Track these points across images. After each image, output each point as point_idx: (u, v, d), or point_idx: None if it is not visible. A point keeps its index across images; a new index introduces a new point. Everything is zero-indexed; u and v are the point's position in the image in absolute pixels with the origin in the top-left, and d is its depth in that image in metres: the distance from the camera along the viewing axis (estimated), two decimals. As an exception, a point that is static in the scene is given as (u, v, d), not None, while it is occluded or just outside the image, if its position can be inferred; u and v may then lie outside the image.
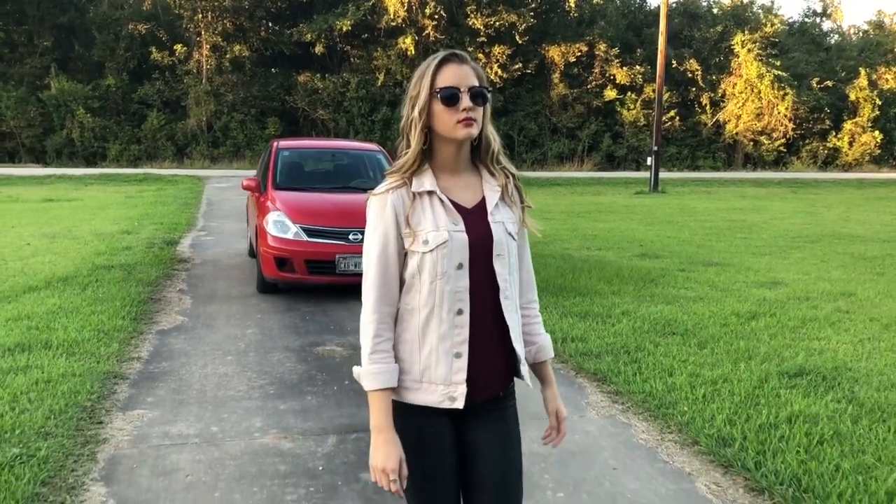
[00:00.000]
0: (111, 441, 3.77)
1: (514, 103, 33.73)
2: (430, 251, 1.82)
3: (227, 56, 31.94)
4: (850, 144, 36.67)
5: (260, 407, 4.33)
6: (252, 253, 8.82)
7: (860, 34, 44.34)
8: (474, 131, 1.85)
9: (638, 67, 34.30)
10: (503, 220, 1.91)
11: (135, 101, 31.64)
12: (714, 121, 35.53)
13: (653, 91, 27.48)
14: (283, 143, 9.21)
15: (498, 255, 1.88)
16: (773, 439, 3.74)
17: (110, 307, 6.44)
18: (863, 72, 36.67)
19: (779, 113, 34.87)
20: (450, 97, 1.82)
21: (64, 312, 6.23)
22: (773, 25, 36.32)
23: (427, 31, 31.29)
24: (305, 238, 7.12)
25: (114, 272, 8.09)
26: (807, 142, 36.51)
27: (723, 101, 35.71)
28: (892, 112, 37.64)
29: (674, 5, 37.98)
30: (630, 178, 27.49)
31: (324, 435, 3.94)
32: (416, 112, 1.85)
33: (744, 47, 34.82)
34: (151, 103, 31.59)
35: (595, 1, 35.48)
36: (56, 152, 30.81)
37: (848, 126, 36.55)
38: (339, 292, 7.42)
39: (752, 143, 35.76)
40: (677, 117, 34.45)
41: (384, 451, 1.80)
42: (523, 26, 31.77)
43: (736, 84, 35.20)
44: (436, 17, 31.05)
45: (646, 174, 24.74)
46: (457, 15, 32.19)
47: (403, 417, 1.86)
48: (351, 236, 7.03)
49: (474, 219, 1.89)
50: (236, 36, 31.99)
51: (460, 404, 1.84)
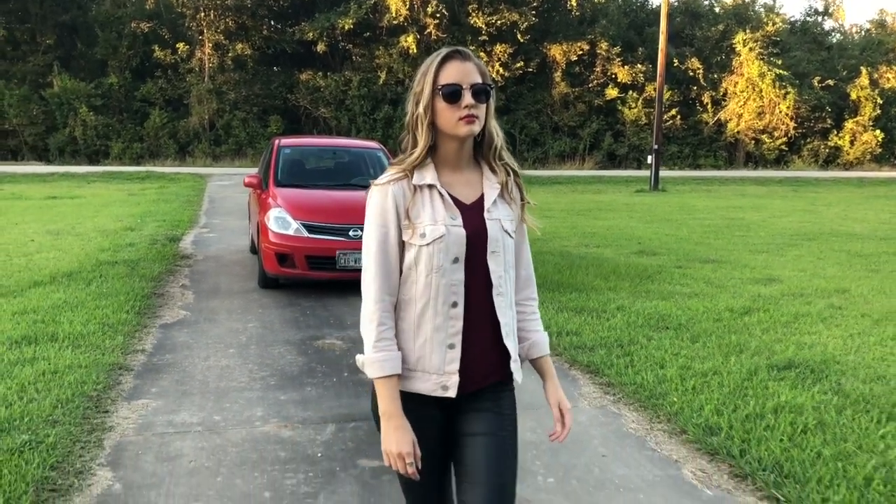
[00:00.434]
0: (117, 429, 3.89)
1: (516, 102, 33.81)
2: (427, 244, 1.86)
3: (230, 54, 32.04)
4: (852, 143, 36.73)
5: (261, 397, 4.45)
6: (254, 249, 8.92)
7: (862, 33, 44.32)
8: (476, 128, 1.87)
9: (639, 66, 34.37)
10: (500, 218, 1.93)
11: (137, 99, 31.76)
12: (715, 119, 35.59)
13: (654, 90, 27.54)
14: (285, 140, 9.32)
15: (492, 251, 1.90)
16: (758, 428, 3.85)
17: (114, 301, 6.56)
18: (864, 71, 36.71)
19: (780, 112, 34.94)
20: (452, 94, 1.84)
21: (69, 306, 6.35)
22: (774, 24, 36.36)
23: (429, 30, 31.38)
24: (306, 234, 7.22)
25: (117, 268, 8.20)
26: (808, 140, 36.57)
27: (724, 100, 35.77)
28: (893, 111, 37.68)
29: (675, 4, 38.03)
30: (631, 176, 27.55)
31: (323, 424, 4.05)
32: (421, 109, 1.87)
33: (745, 46, 34.87)
34: (154, 101, 31.72)
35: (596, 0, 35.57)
36: (59, 150, 30.94)
37: (849, 125, 36.60)
38: (340, 288, 7.52)
39: (753, 141, 35.83)
40: (679, 116, 34.52)
41: (397, 437, 1.84)
42: (525, 25, 31.85)
43: (737, 83, 35.25)
44: (437, 15, 31.14)
45: (647, 173, 24.83)
46: (458, 13, 32.28)
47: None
48: (351, 233, 7.13)
49: (472, 214, 1.91)
50: (238, 34, 32.09)
51: (452, 393, 1.89)
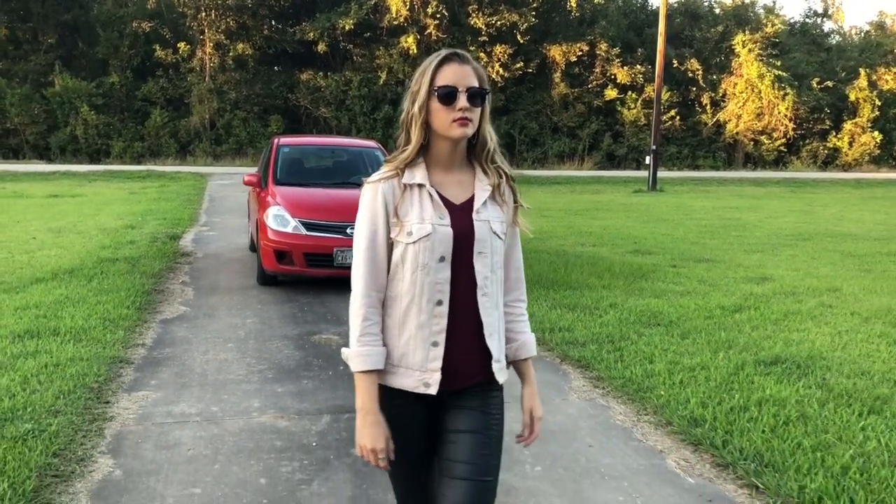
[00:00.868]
0: (117, 419, 4.00)
1: (516, 102, 33.92)
2: (414, 242, 1.88)
3: (231, 54, 32.16)
4: (850, 145, 36.81)
5: (258, 389, 4.56)
6: (253, 247, 9.02)
7: (861, 35, 44.41)
8: (469, 131, 1.89)
9: (639, 67, 34.46)
10: (489, 219, 1.94)
11: (138, 98, 31.86)
12: (714, 120, 35.68)
13: (653, 91, 27.67)
14: (284, 139, 9.43)
15: (479, 252, 1.92)
16: (741, 420, 3.96)
17: (115, 297, 6.66)
18: (863, 72, 36.79)
19: (779, 113, 35.02)
20: (447, 96, 1.86)
21: (71, 302, 6.45)
22: (773, 26, 36.44)
23: (429, 31, 31.49)
24: (304, 232, 7.33)
25: (118, 265, 8.30)
26: (807, 142, 36.65)
27: (723, 101, 35.86)
28: (892, 113, 37.73)
29: (675, 5, 38.11)
30: (630, 177, 27.65)
31: (318, 415, 4.16)
32: (416, 108, 1.89)
33: (744, 47, 34.96)
34: (155, 101, 31.82)
35: (596, 0, 35.63)
36: (60, 149, 31.05)
37: (848, 126, 36.68)
38: (337, 284, 7.60)
39: (752, 142, 35.91)
40: (678, 117, 34.60)
41: (371, 432, 1.88)
42: (525, 26, 31.95)
43: (736, 84, 35.34)
44: (438, 16, 31.25)
45: (645, 173, 24.92)
46: (459, 14, 32.38)
47: (381, 399, 1.94)
48: (348, 230, 7.21)
49: (461, 215, 1.92)
50: (239, 34, 32.21)
51: (434, 390, 1.91)
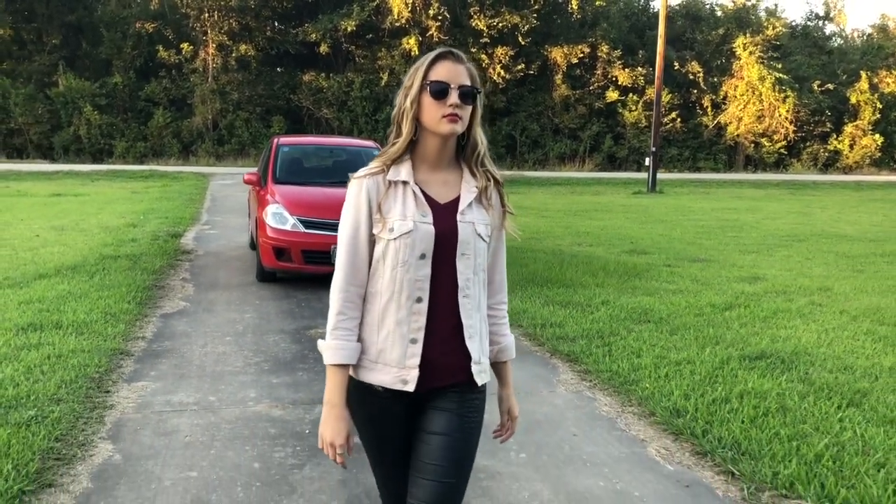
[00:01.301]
0: (117, 407, 4.13)
1: (517, 104, 34.07)
2: (395, 239, 1.87)
3: (233, 55, 32.33)
4: (851, 147, 36.90)
5: (254, 380, 4.68)
6: (253, 245, 9.13)
7: (863, 37, 44.49)
8: (458, 128, 1.89)
9: (640, 69, 34.57)
10: (474, 221, 1.93)
11: (141, 98, 32.05)
12: (715, 123, 35.79)
13: (654, 93, 27.80)
14: (284, 139, 9.57)
15: (462, 253, 1.91)
16: (722, 411, 4.08)
17: (117, 293, 6.79)
18: (864, 75, 36.89)
19: (780, 115, 35.13)
20: (439, 91, 1.86)
21: (73, 297, 6.59)
22: (774, 28, 36.56)
23: (431, 32, 31.64)
24: (302, 229, 7.45)
25: (120, 262, 8.44)
26: (807, 144, 36.74)
27: (724, 104, 35.97)
28: (893, 115, 37.81)
29: (676, 7, 38.25)
30: (630, 178, 27.76)
31: (312, 404, 4.28)
32: (408, 102, 1.89)
33: (745, 50, 35.08)
34: (158, 101, 32.00)
35: (598, 3, 35.76)
36: (63, 149, 31.24)
37: (849, 129, 36.77)
38: (335, 282, 7.72)
39: (753, 145, 36.01)
40: (679, 119, 34.72)
41: (334, 426, 1.88)
42: (526, 28, 32.09)
43: (737, 86, 35.45)
44: (439, 17, 31.40)
45: (646, 175, 25.03)
46: (460, 16, 32.53)
47: (360, 395, 1.95)
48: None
49: (444, 214, 1.92)
50: (242, 35, 32.39)
51: (411, 388, 1.90)
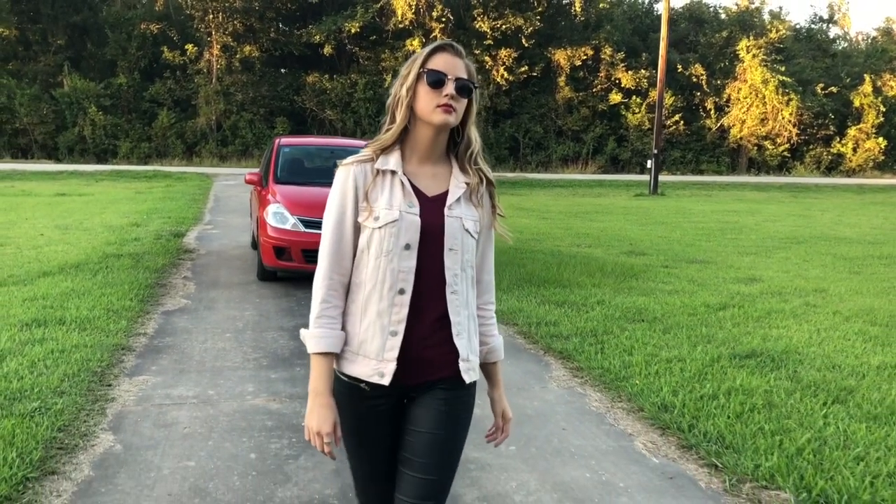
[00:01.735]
0: (119, 400, 4.23)
1: (520, 106, 34.18)
2: (379, 228, 1.85)
3: (237, 56, 32.53)
4: (854, 150, 36.95)
5: (253, 375, 4.78)
6: (255, 244, 9.24)
7: (868, 40, 44.50)
8: (451, 120, 1.86)
9: (643, 71, 34.68)
10: (462, 216, 1.91)
11: (146, 99, 32.26)
12: (718, 125, 35.87)
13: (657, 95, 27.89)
14: (285, 139, 9.67)
15: (450, 248, 1.89)
16: (709, 407, 4.16)
17: (119, 290, 6.90)
18: (867, 78, 36.92)
19: (783, 118, 35.20)
20: (435, 81, 1.84)
21: (76, 294, 6.69)
22: (778, 32, 36.62)
23: (434, 34, 31.74)
24: (303, 229, 7.55)
25: (123, 260, 8.55)
26: (811, 147, 36.80)
27: (727, 106, 36.06)
28: (897, 118, 37.92)
29: (680, 10, 38.35)
30: (632, 180, 27.83)
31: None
32: (404, 90, 1.87)
33: (748, 53, 35.14)
34: (162, 102, 32.20)
35: (601, 5, 35.87)
36: (68, 149, 31.45)
37: (852, 132, 36.83)
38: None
39: (756, 147, 36.09)
40: (682, 121, 34.81)
41: (319, 415, 1.85)
42: (530, 30, 32.23)
43: (741, 89, 35.54)
44: (443, 19, 31.54)
45: (648, 177, 25.09)
46: (464, 18, 32.67)
47: (344, 387, 1.92)
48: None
49: (432, 207, 1.90)
50: (246, 36, 32.58)
51: (387, 381, 1.87)
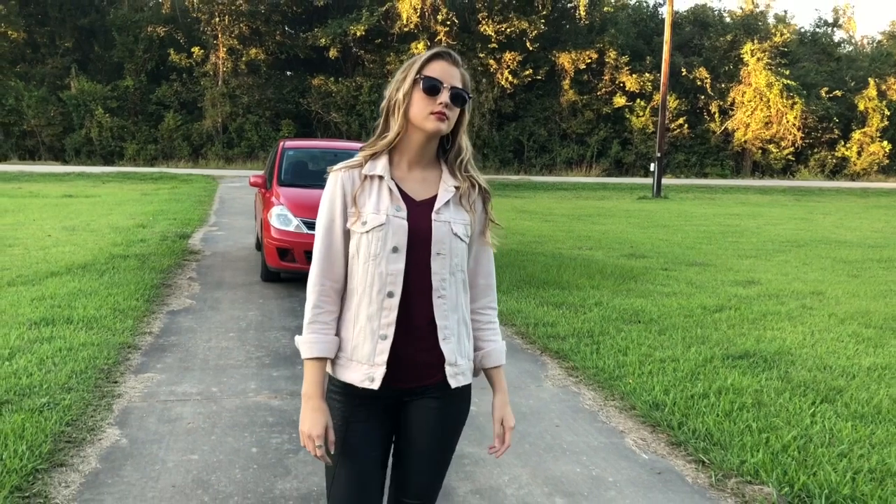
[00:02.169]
0: (125, 396, 4.35)
1: (525, 109, 34.28)
2: (367, 232, 1.87)
3: (243, 59, 32.70)
4: (859, 154, 36.92)
5: (255, 373, 4.90)
6: (259, 246, 9.36)
7: (873, 44, 44.47)
8: (444, 127, 1.87)
9: (647, 75, 34.70)
10: (450, 220, 1.90)
11: (152, 101, 32.45)
12: (723, 129, 35.89)
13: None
14: (289, 142, 9.80)
15: (437, 253, 1.88)
16: (699, 405, 4.26)
17: (125, 290, 7.03)
18: (872, 82, 36.91)
19: (787, 122, 35.20)
20: (430, 87, 1.85)
21: (83, 294, 6.83)
22: (782, 35, 36.62)
23: (439, 37, 31.88)
24: (306, 231, 7.66)
25: (129, 261, 8.69)
26: (815, 151, 36.79)
27: (732, 110, 36.06)
28: (901, 122, 37.87)
29: (684, 13, 38.41)
30: (636, 183, 27.90)
31: (309, 396, 4.48)
32: (400, 95, 1.88)
33: (753, 56, 35.16)
34: (168, 104, 32.39)
35: (606, 9, 35.95)
36: (75, 151, 31.66)
37: (856, 136, 36.81)
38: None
39: (760, 151, 36.10)
40: (686, 125, 34.84)
41: (312, 419, 1.86)
42: (534, 33, 32.32)
43: (745, 92, 35.54)
44: (448, 23, 31.66)
45: (652, 180, 25.17)
46: (469, 21, 32.79)
47: (337, 392, 1.94)
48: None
49: (420, 211, 1.90)
50: (252, 39, 32.75)
51: (376, 385, 1.88)
